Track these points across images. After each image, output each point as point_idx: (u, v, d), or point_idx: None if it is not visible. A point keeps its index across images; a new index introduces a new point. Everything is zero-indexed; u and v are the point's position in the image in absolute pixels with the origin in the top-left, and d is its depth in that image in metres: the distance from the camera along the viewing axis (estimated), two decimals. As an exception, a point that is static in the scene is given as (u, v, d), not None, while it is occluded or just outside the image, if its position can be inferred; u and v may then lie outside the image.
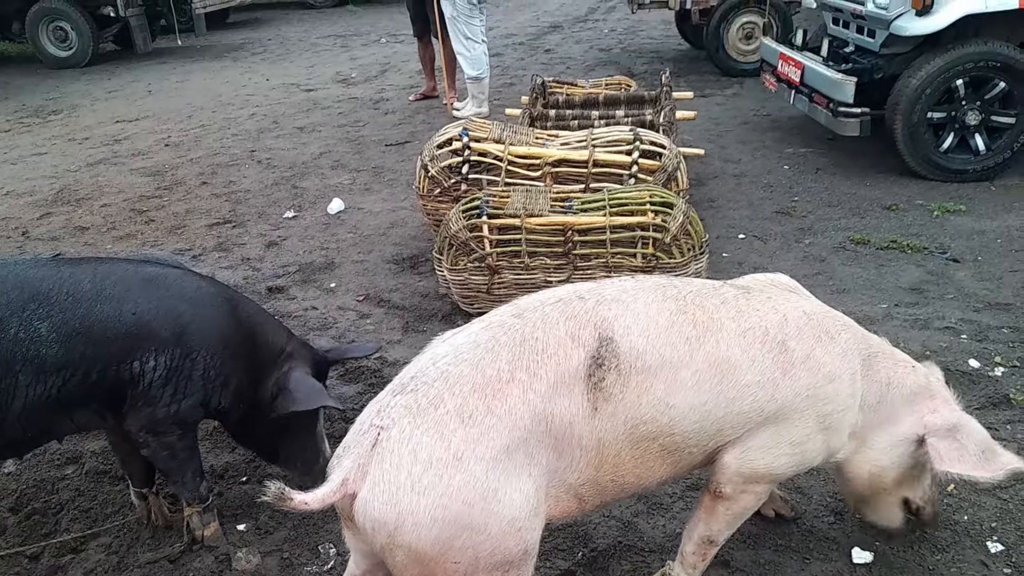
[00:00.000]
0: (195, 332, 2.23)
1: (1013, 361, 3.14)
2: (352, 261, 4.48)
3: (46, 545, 2.56)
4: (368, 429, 1.63)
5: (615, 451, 1.74)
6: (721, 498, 1.95)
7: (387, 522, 1.55)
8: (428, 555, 1.56)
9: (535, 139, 4.14)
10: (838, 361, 1.91)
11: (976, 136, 4.94)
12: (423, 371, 1.68)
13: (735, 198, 5.06)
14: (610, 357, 1.71)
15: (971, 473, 1.91)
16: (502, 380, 1.64)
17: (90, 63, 10.86)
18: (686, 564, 2.06)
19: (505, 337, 1.70)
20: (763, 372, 1.82)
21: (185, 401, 2.23)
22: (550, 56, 9.89)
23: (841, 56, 5.45)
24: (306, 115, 7.73)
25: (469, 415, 1.59)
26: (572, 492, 1.75)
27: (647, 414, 1.73)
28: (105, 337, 2.12)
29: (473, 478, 1.55)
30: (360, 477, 1.58)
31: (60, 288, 2.12)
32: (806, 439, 1.89)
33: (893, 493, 2.10)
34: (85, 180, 6.13)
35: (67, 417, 2.21)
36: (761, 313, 1.89)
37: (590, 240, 3.49)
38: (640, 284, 1.89)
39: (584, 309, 1.77)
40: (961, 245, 4.22)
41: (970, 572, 2.24)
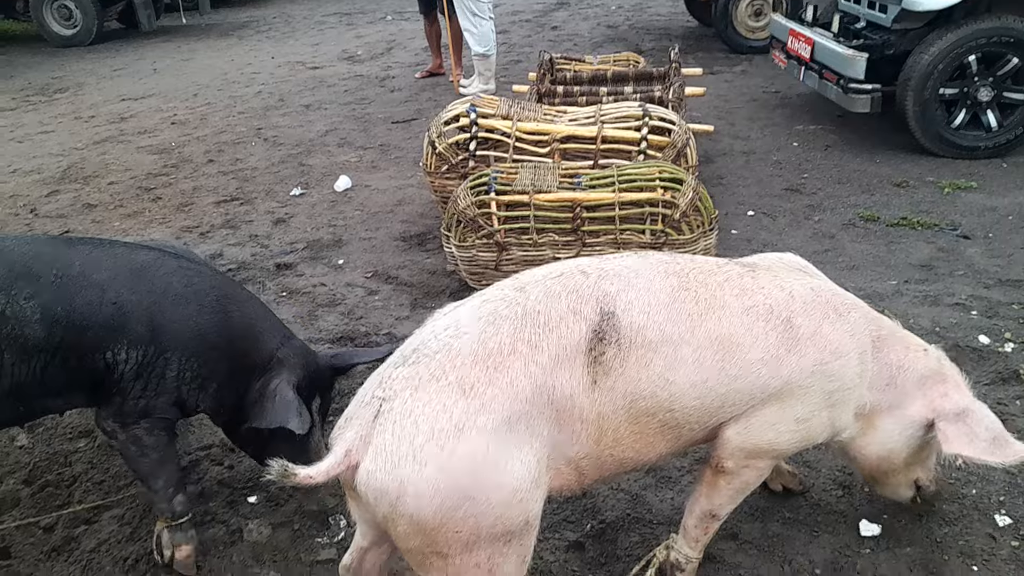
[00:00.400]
0: (172, 332, 2.15)
1: (1023, 337, 3.13)
2: (360, 238, 4.48)
3: (60, 516, 2.59)
4: (370, 400, 1.64)
5: (614, 425, 1.74)
6: (723, 473, 1.94)
7: (389, 492, 1.56)
8: (430, 524, 1.57)
9: (543, 115, 4.12)
10: (846, 339, 1.90)
11: (988, 112, 4.89)
12: (425, 343, 1.69)
13: (744, 175, 5.03)
14: (611, 331, 1.71)
15: (980, 456, 1.91)
16: (503, 352, 1.64)
17: (94, 42, 10.83)
18: (688, 538, 2.07)
19: (507, 310, 1.71)
20: (767, 349, 1.81)
21: (156, 398, 2.17)
22: (557, 33, 9.81)
23: (852, 32, 5.38)
24: (312, 93, 7.70)
25: (470, 387, 1.60)
26: (573, 465, 1.76)
27: (646, 389, 1.74)
28: (84, 324, 2.08)
29: (474, 448, 1.55)
30: (363, 448, 1.59)
31: (50, 268, 2.09)
32: (811, 416, 1.89)
33: (903, 473, 2.11)
34: (92, 158, 6.13)
35: (58, 397, 2.19)
36: (766, 291, 1.87)
37: (599, 216, 3.48)
38: (643, 260, 1.89)
39: (586, 283, 1.77)
40: (972, 222, 4.19)
41: (978, 545, 2.25)
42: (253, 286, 3.99)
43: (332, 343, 3.44)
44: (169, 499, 2.26)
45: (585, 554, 2.32)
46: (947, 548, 2.25)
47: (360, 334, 3.49)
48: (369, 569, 1.94)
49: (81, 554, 2.44)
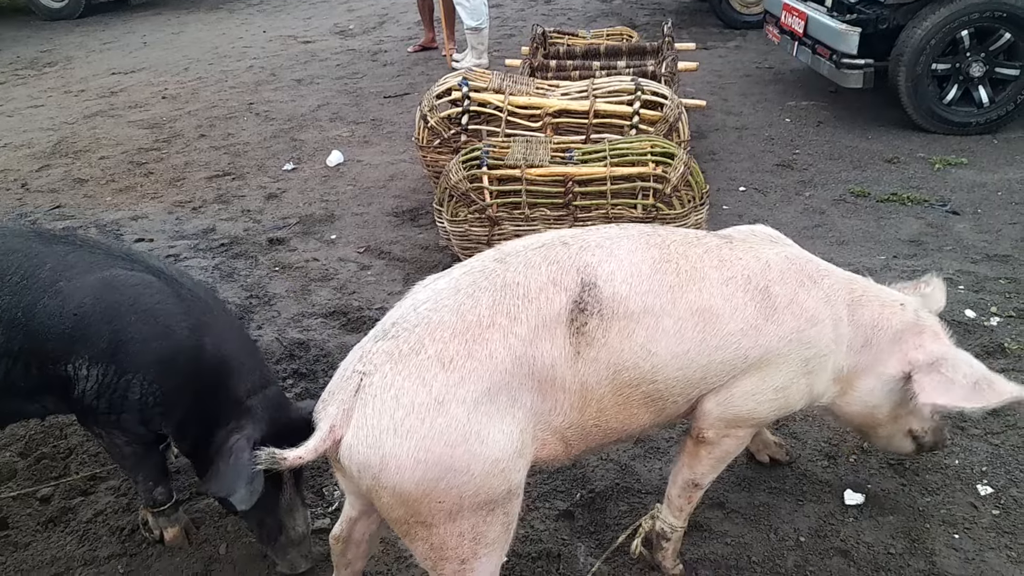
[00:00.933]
0: (134, 352, 1.99)
1: (1009, 311, 3.17)
2: (352, 213, 4.48)
3: (56, 486, 2.62)
4: (351, 375, 1.65)
5: (598, 395, 1.76)
6: (704, 443, 1.97)
7: (371, 465, 1.58)
8: (412, 496, 1.59)
9: (535, 89, 4.10)
10: (821, 305, 1.92)
11: (980, 88, 4.90)
12: (404, 317, 1.70)
13: (736, 151, 5.04)
14: (592, 302, 1.72)
15: (959, 404, 1.91)
16: (482, 325, 1.66)
17: (83, 15, 10.69)
18: (672, 508, 2.10)
19: (486, 282, 1.72)
20: (746, 319, 1.83)
21: (124, 415, 2.05)
22: (551, 7, 9.72)
23: (846, 6, 5.36)
24: (304, 67, 7.65)
25: (450, 360, 1.61)
26: (558, 435, 1.79)
27: (629, 360, 1.75)
28: (42, 333, 1.97)
29: (455, 421, 1.58)
30: (345, 422, 1.62)
31: (17, 269, 1.99)
32: (789, 384, 1.91)
33: (892, 425, 2.11)
34: (83, 132, 6.09)
35: (30, 402, 2.10)
36: (744, 261, 1.89)
37: (590, 191, 3.48)
38: (624, 231, 1.90)
39: (567, 255, 1.78)
40: (961, 198, 4.22)
41: (959, 513, 2.30)
42: (246, 261, 4.00)
43: (325, 317, 3.46)
44: (150, 491, 2.24)
45: (575, 523, 2.36)
46: (929, 517, 2.30)
47: (353, 308, 3.51)
48: (359, 538, 1.98)
49: (78, 524, 2.48)
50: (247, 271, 3.90)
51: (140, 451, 2.16)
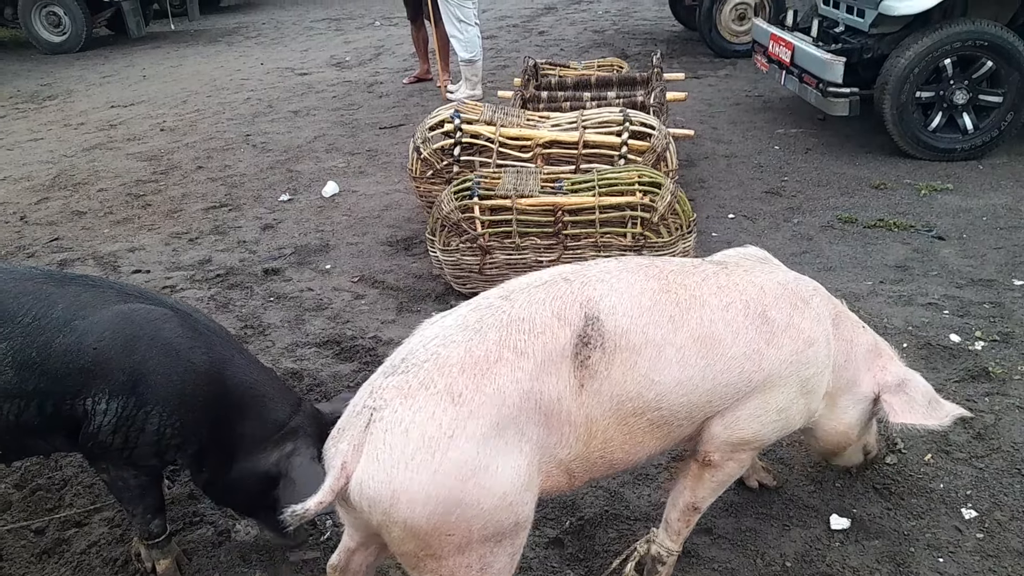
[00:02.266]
0: (155, 384, 2.01)
1: (993, 335, 3.22)
2: (347, 243, 4.54)
3: (50, 519, 2.63)
4: (361, 410, 1.67)
5: (603, 427, 1.80)
6: (709, 466, 2.01)
7: (382, 500, 1.60)
8: (423, 530, 1.61)
9: (526, 121, 4.19)
10: (814, 325, 2.00)
11: (964, 115, 4.99)
12: (413, 352, 1.73)
13: (725, 178, 5.11)
14: (595, 336, 1.76)
15: (921, 422, 2.09)
16: (490, 360, 1.68)
17: (84, 48, 10.86)
18: (671, 531, 2.13)
19: (492, 318, 1.75)
20: (748, 343, 1.89)
21: (137, 450, 2.06)
22: (544, 38, 9.88)
23: (831, 36, 5.48)
24: (300, 99, 7.76)
25: (459, 394, 1.63)
26: (563, 467, 1.81)
27: (632, 390, 1.79)
28: (60, 371, 1.98)
29: (464, 455, 1.59)
30: (356, 458, 1.63)
31: (29, 310, 2.00)
32: (790, 404, 1.98)
33: (856, 444, 2.27)
34: (81, 165, 6.17)
35: (39, 439, 2.10)
36: (740, 287, 1.96)
37: (580, 220, 3.55)
38: (623, 264, 1.95)
39: (570, 290, 1.82)
40: (947, 223, 4.28)
41: (944, 537, 2.32)
42: (241, 291, 4.05)
43: (318, 347, 3.50)
44: (147, 523, 2.25)
45: (564, 550, 2.38)
46: (914, 541, 2.32)
47: (346, 338, 3.55)
48: (356, 569, 1.99)
49: (72, 556, 2.49)
50: (242, 301, 3.94)
51: (146, 483, 2.17)
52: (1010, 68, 4.80)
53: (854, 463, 2.39)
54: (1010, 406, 2.80)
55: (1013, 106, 4.89)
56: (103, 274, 4.28)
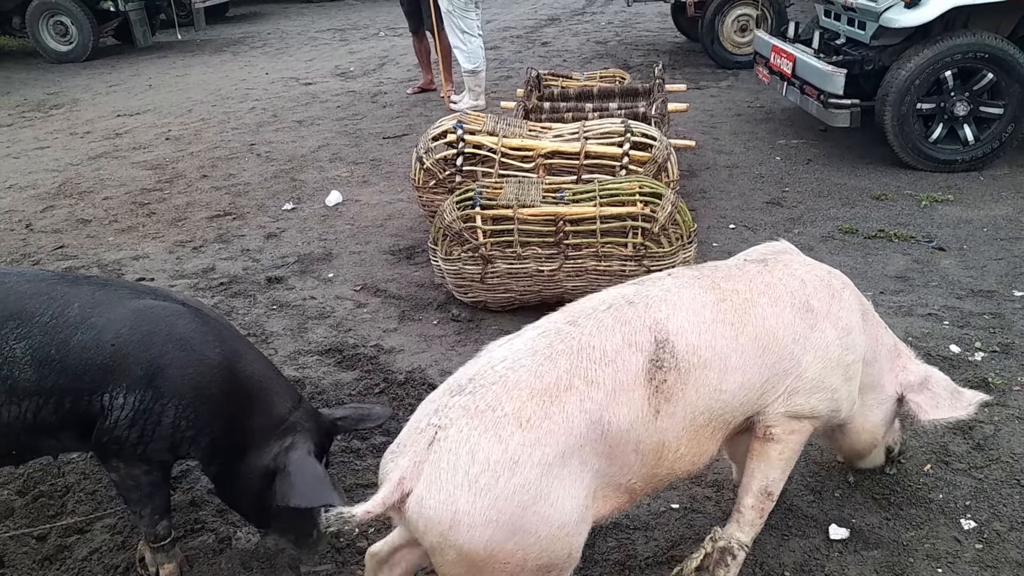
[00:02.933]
0: (171, 377, 2.06)
1: (993, 346, 3.22)
2: (350, 252, 4.56)
3: (52, 526, 2.65)
4: (426, 428, 1.65)
5: (675, 447, 1.82)
6: (772, 440, 2.03)
7: (441, 521, 1.58)
8: (479, 556, 1.59)
9: (528, 131, 4.21)
10: (849, 315, 2.07)
11: (965, 127, 5.01)
12: (481, 374, 1.72)
13: (727, 189, 5.13)
14: (668, 358, 1.78)
15: (948, 415, 2.15)
16: (560, 387, 1.68)
17: (90, 57, 10.95)
18: (744, 522, 2.09)
19: (562, 345, 1.75)
20: (796, 331, 1.97)
21: (152, 444, 2.09)
22: (547, 49, 9.94)
23: (832, 48, 5.51)
24: (305, 109, 7.80)
25: (527, 419, 1.62)
26: (623, 489, 1.81)
27: (703, 404, 1.82)
28: (79, 368, 2.01)
29: (528, 482, 1.58)
30: (416, 475, 1.61)
31: (46, 309, 2.03)
32: (838, 387, 2.05)
33: (881, 444, 2.37)
34: (87, 173, 6.21)
35: (51, 438, 2.13)
36: (784, 281, 2.04)
37: (581, 230, 3.56)
38: (678, 280, 1.98)
39: (636, 313, 1.83)
40: (947, 234, 4.29)
41: (943, 548, 2.32)
42: (244, 299, 4.07)
43: (320, 355, 3.52)
44: (153, 525, 2.25)
45: (563, 559, 2.38)
46: (913, 551, 2.32)
47: (348, 346, 3.56)
48: (398, 563, 1.96)
49: (73, 563, 2.50)
50: (245, 309, 3.97)
51: (157, 481, 2.20)
52: (1011, 80, 4.82)
53: (878, 464, 2.48)
54: (1010, 416, 2.81)
55: (1014, 118, 4.91)
56: (107, 282, 4.31)
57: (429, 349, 3.51)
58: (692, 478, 2.64)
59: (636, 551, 2.38)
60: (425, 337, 3.61)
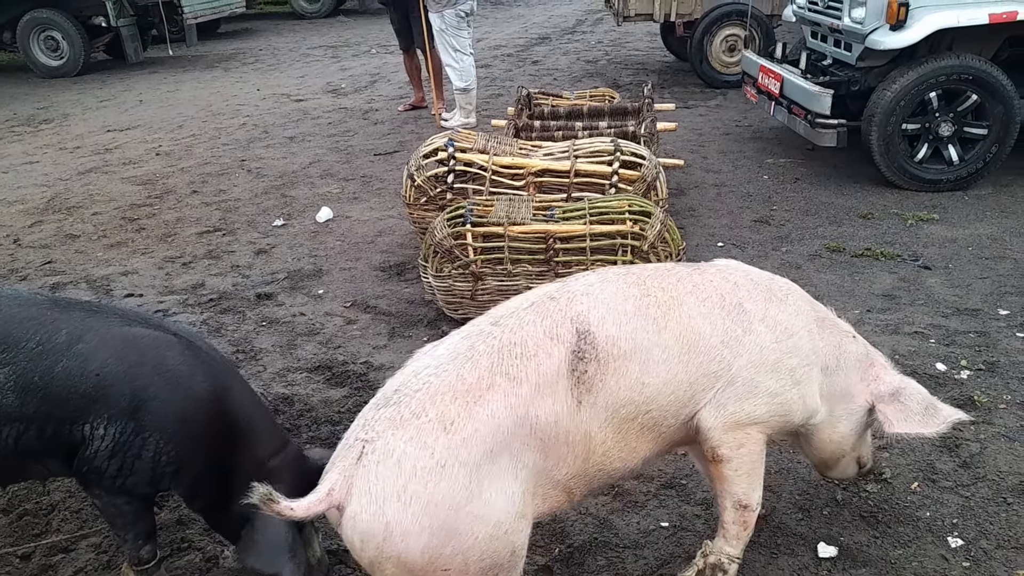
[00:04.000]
0: (155, 410, 2.01)
1: (979, 364, 3.25)
2: (340, 268, 4.56)
3: (37, 546, 2.62)
4: (353, 443, 1.67)
5: (601, 439, 1.82)
6: (721, 461, 2.00)
7: (375, 534, 1.59)
8: (418, 564, 1.59)
9: (519, 150, 4.24)
10: (792, 318, 2.04)
11: (949, 147, 5.08)
12: (405, 383, 1.73)
13: (715, 207, 5.17)
14: (589, 349, 1.79)
15: (915, 431, 2.09)
16: (482, 387, 1.69)
17: (81, 72, 10.93)
18: (729, 536, 2.11)
19: (483, 345, 1.76)
20: (726, 332, 1.94)
21: (131, 478, 2.05)
22: (537, 67, 10.01)
23: (819, 69, 5.58)
24: (296, 125, 7.82)
25: (451, 422, 1.63)
26: (560, 487, 1.82)
27: (625, 396, 1.82)
28: (62, 395, 1.98)
29: (458, 484, 1.59)
30: (345, 490, 1.62)
31: (33, 334, 2.01)
32: (782, 391, 1.99)
33: (849, 455, 2.30)
34: (76, 188, 6.19)
35: (36, 463, 2.09)
36: (715, 283, 2.02)
37: (571, 248, 3.58)
38: (603, 275, 2.00)
39: (558, 308, 1.85)
40: (933, 253, 4.34)
41: (931, 566, 2.33)
42: (233, 315, 4.06)
43: (310, 372, 3.51)
44: (137, 549, 2.22)
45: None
46: (901, 569, 2.33)
47: (337, 363, 3.56)
48: None
49: (58, 582, 2.48)
50: (234, 326, 3.95)
51: (139, 509, 2.16)
52: (994, 101, 4.89)
53: (848, 475, 2.41)
54: (996, 435, 2.83)
55: (998, 139, 4.98)
56: (96, 297, 4.29)
57: (419, 366, 3.50)
58: (681, 496, 2.66)
59: (626, 570, 2.38)
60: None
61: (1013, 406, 3.00)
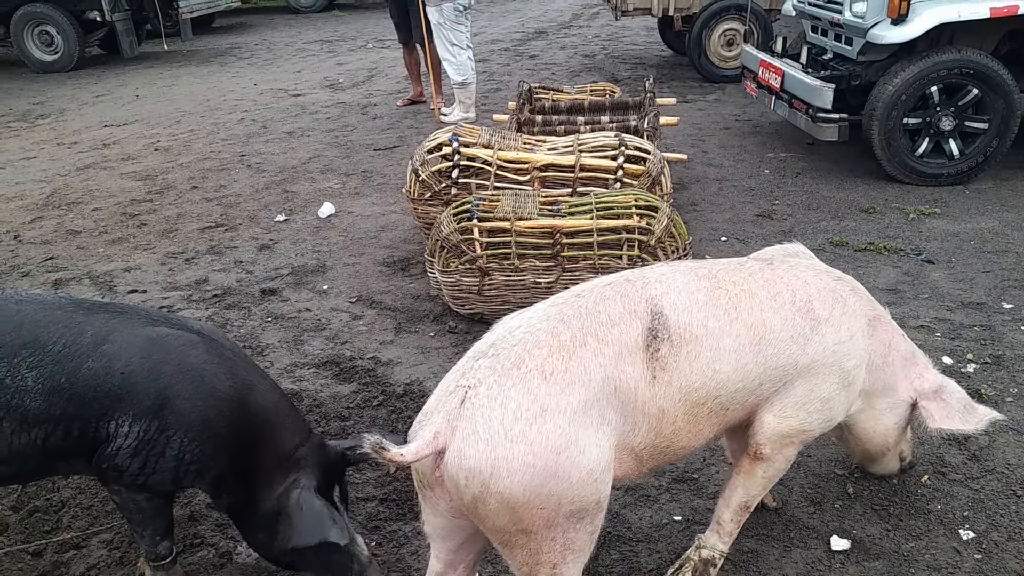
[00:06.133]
0: (179, 409, 2.03)
1: (984, 358, 3.27)
2: (344, 264, 4.56)
3: (48, 542, 2.61)
4: (455, 389, 1.74)
5: (672, 417, 1.90)
6: (761, 459, 2.11)
7: (482, 470, 1.65)
8: (519, 501, 1.67)
9: (523, 144, 4.23)
10: (852, 320, 2.11)
11: (950, 141, 5.09)
12: (501, 339, 1.82)
13: (717, 201, 5.18)
14: (662, 329, 1.87)
15: (959, 427, 2.20)
16: (575, 344, 1.79)
17: (76, 67, 10.87)
18: (723, 532, 2.21)
19: (571, 311, 1.87)
20: (795, 328, 2.01)
21: (154, 476, 2.07)
22: (535, 62, 10.00)
23: (820, 63, 5.59)
24: (295, 120, 7.79)
25: (550, 372, 1.73)
26: (634, 454, 1.90)
27: (697, 380, 1.90)
28: (88, 395, 2.00)
29: (558, 428, 1.68)
30: (450, 433, 1.69)
31: (59, 337, 2.03)
32: (833, 395, 2.08)
33: (893, 449, 2.39)
34: (75, 184, 6.16)
35: (62, 462, 2.12)
36: (786, 280, 2.08)
37: (578, 243, 3.58)
38: (675, 267, 2.08)
39: (634, 289, 1.94)
40: (935, 247, 4.36)
41: (943, 558, 2.35)
42: (239, 311, 4.05)
43: (318, 367, 3.51)
44: (155, 544, 2.24)
45: (567, 571, 2.39)
46: (914, 561, 2.35)
47: (345, 358, 3.55)
48: None
49: (71, 578, 2.47)
50: (240, 322, 3.94)
51: (159, 506, 2.17)
52: (995, 95, 4.91)
53: (892, 471, 2.50)
54: (1004, 428, 2.85)
55: (998, 132, 5.00)
56: (99, 294, 4.28)
57: (427, 361, 3.51)
58: (693, 490, 2.68)
59: (640, 563, 2.39)
60: (422, 349, 3.61)
61: (1020, 399, 3.02)
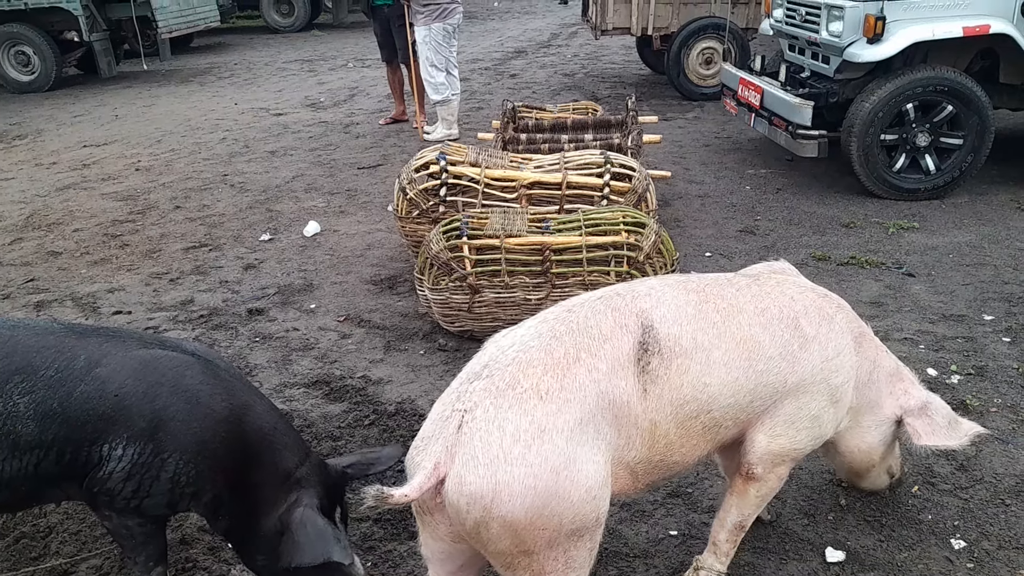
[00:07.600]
0: (174, 431, 2.00)
1: (968, 369, 3.33)
2: (331, 282, 4.54)
3: (35, 569, 2.56)
4: (451, 414, 1.73)
5: (664, 431, 1.90)
6: (753, 480, 2.12)
7: (483, 495, 1.64)
8: (521, 524, 1.67)
9: (509, 162, 4.26)
10: (839, 337, 2.12)
11: (927, 156, 5.21)
12: (494, 359, 1.81)
13: (700, 218, 5.24)
14: (652, 342, 1.88)
15: (944, 443, 2.21)
16: (569, 360, 1.79)
17: (53, 87, 10.79)
18: (720, 553, 2.23)
19: (563, 327, 1.87)
20: (784, 344, 2.02)
21: (148, 500, 2.04)
22: (516, 81, 10.08)
23: (798, 81, 5.70)
24: (277, 139, 7.78)
25: (546, 391, 1.72)
26: (629, 469, 1.90)
27: (688, 394, 1.90)
28: (81, 419, 1.98)
29: (557, 448, 1.68)
30: (449, 459, 1.68)
31: (52, 363, 2.01)
32: (822, 412, 2.10)
33: (880, 465, 2.39)
34: (55, 205, 6.09)
35: (54, 488, 2.09)
36: (773, 296, 2.10)
37: (567, 259, 3.61)
38: (664, 281, 2.10)
39: (624, 303, 1.95)
40: (916, 260, 4.44)
41: (936, 568, 2.38)
42: (226, 332, 4.02)
43: (307, 387, 3.49)
44: (148, 571, 2.20)
45: (565, 588, 2.38)
46: (907, 572, 2.37)
47: (335, 377, 3.54)
48: None
49: (60, 606, 2.43)
50: (227, 342, 3.92)
51: (153, 530, 2.14)
52: (969, 112, 5.03)
53: (880, 486, 2.52)
54: (989, 438, 2.89)
55: (973, 148, 5.12)
56: (83, 315, 4.23)
57: (417, 379, 3.50)
58: (688, 505, 2.69)
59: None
60: (413, 367, 3.60)
61: (1004, 409, 3.07)
